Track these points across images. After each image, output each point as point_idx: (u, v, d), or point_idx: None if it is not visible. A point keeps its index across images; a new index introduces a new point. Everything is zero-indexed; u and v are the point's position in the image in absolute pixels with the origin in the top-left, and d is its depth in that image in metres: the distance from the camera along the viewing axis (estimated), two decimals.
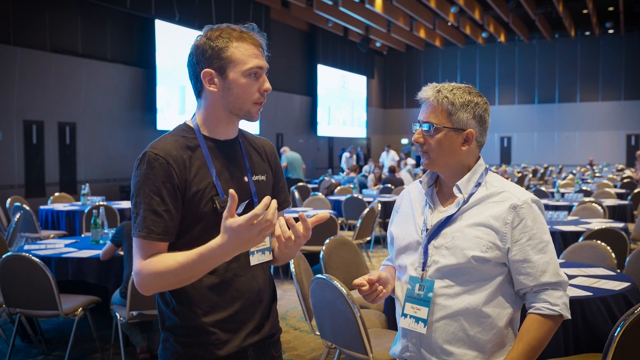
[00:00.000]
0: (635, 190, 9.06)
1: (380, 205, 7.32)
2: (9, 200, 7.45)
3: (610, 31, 23.93)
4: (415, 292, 1.73)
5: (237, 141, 1.70)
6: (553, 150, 25.41)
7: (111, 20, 13.15)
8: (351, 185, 11.38)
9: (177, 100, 14.70)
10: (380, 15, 18.46)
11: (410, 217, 1.83)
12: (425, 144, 1.74)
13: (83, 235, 5.75)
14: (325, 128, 22.45)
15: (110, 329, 4.28)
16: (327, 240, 4.12)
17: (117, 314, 3.83)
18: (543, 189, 10.11)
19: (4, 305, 3.89)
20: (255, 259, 1.66)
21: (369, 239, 7.29)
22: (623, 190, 10.19)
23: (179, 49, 14.05)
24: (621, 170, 18.47)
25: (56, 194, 8.36)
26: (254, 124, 15.45)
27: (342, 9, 17.02)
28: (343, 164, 18.67)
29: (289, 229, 1.52)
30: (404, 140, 27.11)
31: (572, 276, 3.33)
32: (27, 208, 6.69)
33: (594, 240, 4.03)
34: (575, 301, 2.83)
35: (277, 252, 1.70)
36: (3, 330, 4.57)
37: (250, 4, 16.62)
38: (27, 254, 3.75)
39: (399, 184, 11.09)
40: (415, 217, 1.81)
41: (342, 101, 23.70)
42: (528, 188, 13.35)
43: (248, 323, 1.64)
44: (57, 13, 11.94)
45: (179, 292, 1.58)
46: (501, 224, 1.67)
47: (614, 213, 7.43)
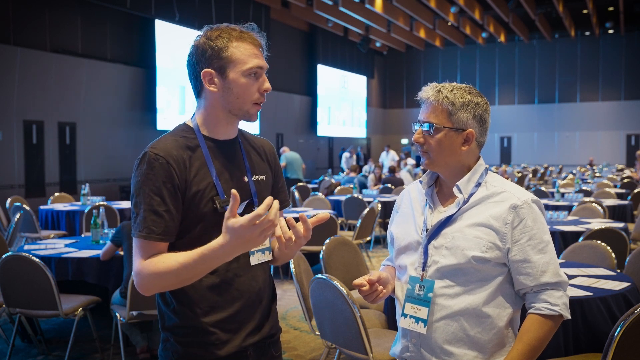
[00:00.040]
0: (635, 190, 9.06)
1: (380, 205, 7.32)
2: (9, 200, 7.45)
3: (610, 31, 23.93)
4: (415, 292, 1.73)
5: (237, 141, 1.70)
6: (553, 150, 25.41)
7: (111, 20, 13.15)
8: (351, 185, 11.38)
9: (177, 100, 14.70)
10: (380, 15, 18.46)
11: (410, 217, 1.83)
12: (425, 143, 1.74)
13: (83, 235, 5.76)
14: (325, 128, 22.44)
15: (110, 329, 4.28)
16: (327, 240, 4.12)
17: (117, 314, 3.83)
18: (543, 189, 10.11)
19: (4, 305, 3.89)
20: (255, 259, 1.66)
21: (369, 239, 7.29)
22: (623, 190, 10.19)
23: (179, 49, 14.05)
24: (621, 170, 18.46)
25: (56, 194, 8.36)
26: (254, 124, 15.45)
27: (342, 9, 17.02)
28: (343, 164, 18.67)
29: (289, 229, 1.52)
30: (404, 140, 27.10)
31: (572, 276, 3.32)
32: (27, 208, 6.69)
33: (594, 240, 4.03)
34: (575, 301, 2.83)
35: (277, 252, 1.70)
36: (3, 330, 4.56)
37: (250, 4, 16.61)
38: (27, 254, 3.75)
39: (399, 184, 11.09)
40: (415, 217, 1.81)
41: (342, 101, 23.70)
42: (528, 188, 13.35)
43: (248, 323, 1.64)
44: (57, 13, 11.94)
45: (179, 292, 1.58)
46: (501, 224, 1.67)
47: (614, 213, 7.43)
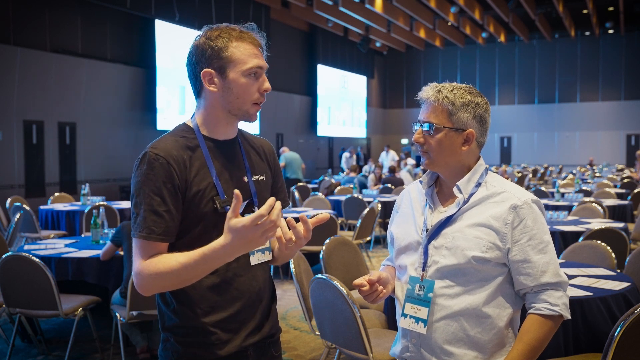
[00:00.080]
0: (635, 190, 9.06)
1: (380, 205, 7.32)
2: (9, 200, 7.45)
3: (610, 31, 23.93)
4: (416, 292, 1.73)
5: (237, 141, 1.70)
6: (553, 150, 25.41)
7: (111, 20, 13.15)
8: (351, 185, 11.39)
9: (177, 100, 14.71)
10: (380, 15, 18.46)
11: (410, 217, 1.83)
12: (425, 144, 1.74)
13: (83, 235, 5.76)
14: (325, 128, 22.44)
15: (110, 329, 4.28)
16: (327, 240, 4.12)
17: (117, 314, 3.83)
18: (543, 189, 10.11)
19: (4, 305, 3.89)
20: (256, 259, 1.66)
21: (369, 239, 7.29)
22: (623, 190, 10.19)
23: (179, 49, 14.05)
24: (621, 170, 18.47)
25: (56, 194, 8.36)
26: (254, 124, 15.44)
27: (342, 9, 17.02)
28: (343, 164, 18.67)
29: (289, 230, 1.52)
30: (404, 140, 27.11)
31: (572, 276, 3.32)
32: (27, 208, 6.69)
33: (594, 240, 4.03)
34: (575, 301, 2.83)
35: (277, 252, 1.70)
36: (3, 330, 4.56)
37: (250, 4, 16.61)
38: (27, 254, 3.75)
39: (399, 184, 11.09)
40: (415, 217, 1.81)
41: (342, 101, 23.70)
42: (528, 188, 13.35)
43: (248, 323, 1.64)
44: (57, 13, 11.94)
45: (179, 292, 1.58)
46: (501, 224, 1.67)
47: (614, 213, 7.43)
